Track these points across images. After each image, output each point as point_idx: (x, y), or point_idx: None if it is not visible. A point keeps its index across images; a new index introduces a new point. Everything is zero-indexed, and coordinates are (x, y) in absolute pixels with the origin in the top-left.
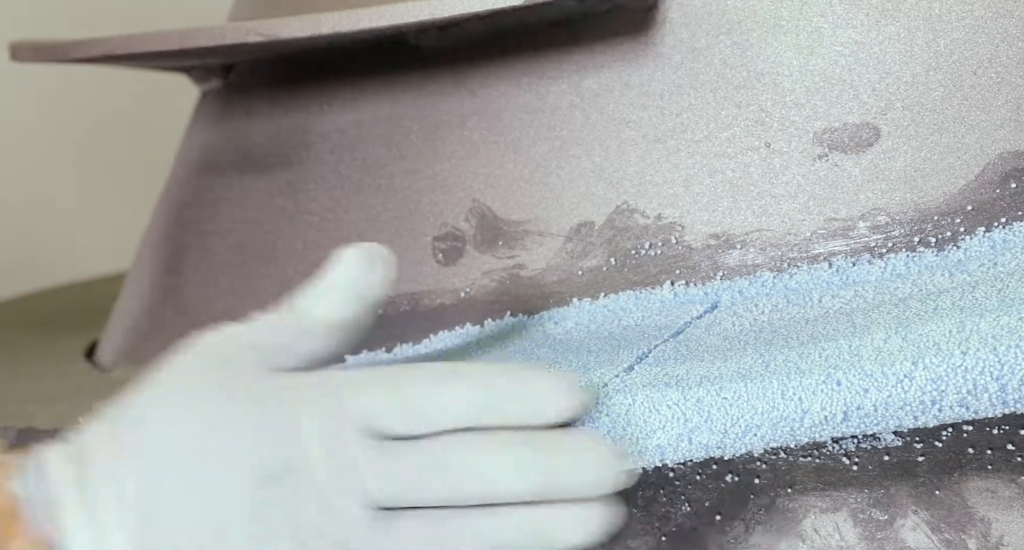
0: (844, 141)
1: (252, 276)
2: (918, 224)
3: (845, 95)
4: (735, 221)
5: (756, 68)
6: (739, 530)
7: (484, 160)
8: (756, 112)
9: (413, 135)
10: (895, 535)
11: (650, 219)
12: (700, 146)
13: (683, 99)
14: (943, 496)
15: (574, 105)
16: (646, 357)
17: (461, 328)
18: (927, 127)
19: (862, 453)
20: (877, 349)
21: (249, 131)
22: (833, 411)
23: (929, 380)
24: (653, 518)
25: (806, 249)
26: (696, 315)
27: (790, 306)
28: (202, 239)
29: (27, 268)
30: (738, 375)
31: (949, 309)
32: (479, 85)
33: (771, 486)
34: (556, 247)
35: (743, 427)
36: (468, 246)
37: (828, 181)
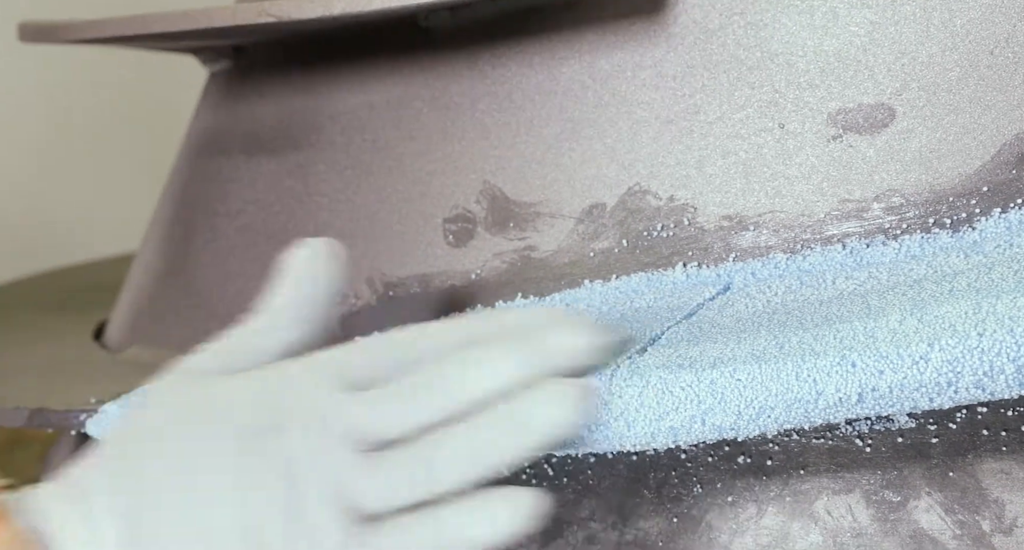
0: (859, 122)
1: (261, 258)
2: (933, 205)
3: (860, 75)
4: (748, 203)
5: (770, 48)
6: (751, 512)
7: (495, 141)
8: (770, 93)
9: (424, 117)
10: (908, 517)
11: (662, 201)
12: (713, 127)
13: (696, 80)
14: (957, 477)
15: (586, 86)
16: (659, 339)
17: (471, 311)
18: (943, 107)
19: (875, 435)
20: (892, 331)
21: (259, 113)
22: (848, 393)
23: (945, 362)
24: (665, 500)
25: (820, 231)
26: (708, 297)
27: (804, 288)
28: (211, 221)
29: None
30: (752, 357)
31: (965, 290)
32: (490, 66)
33: (784, 468)
34: (567, 229)
35: (757, 409)
36: (479, 228)
37: (842, 162)
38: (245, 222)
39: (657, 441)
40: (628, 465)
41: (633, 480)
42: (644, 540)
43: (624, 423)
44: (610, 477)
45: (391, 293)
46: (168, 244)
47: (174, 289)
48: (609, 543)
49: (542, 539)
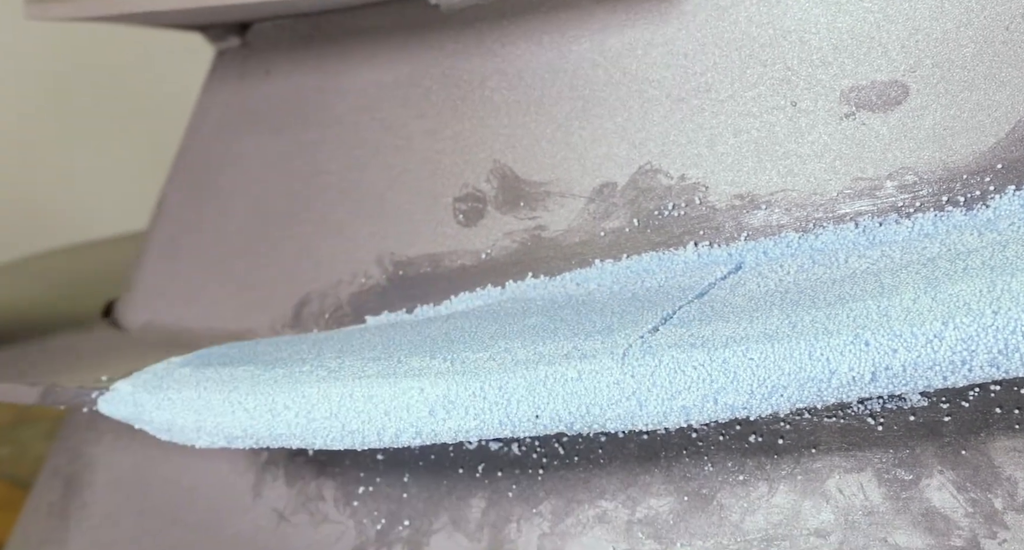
0: (872, 99)
1: (270, 236)
2: (947, 183)
3: (873, 52)
4: (760, 181)
5: (782, 25)
6: (762, 490)
7: (505, 120)
8: (782, 70)
9: (433, 95)
10: (920, 495)
11: (673, 179)
12: (724, 105)
13: (707, 58)
14: (969, 456)
15: (597, 64)
16: (671, 318)
17: (482, 289)
18: (957, 84)
19: (887, 413)
20: (906, 309)
21: (267, 91)
22: (861, 372)
23: (959, 340)
24: (676, 479)
25: (832, 209)
26: (720, 276)
27: (816, 267)
28: (220, 199)
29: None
30: (764, 336)
31: (979, 268)
32: (499, 44)
33: (795, 447)
34: (578, 208)
35: (769, 388)
36: (489, 207)
37: (855, 140)
38: (254, 200)
39: (670, 420)
40: (639, 444)
41: (644, 459)
42: (655, 519)
43: (636, 402)
44: (621, 456)
45: (401, 272)
46: (177, 222)
47: (184, 268)
48: (620, 521)
49: (553, 517)
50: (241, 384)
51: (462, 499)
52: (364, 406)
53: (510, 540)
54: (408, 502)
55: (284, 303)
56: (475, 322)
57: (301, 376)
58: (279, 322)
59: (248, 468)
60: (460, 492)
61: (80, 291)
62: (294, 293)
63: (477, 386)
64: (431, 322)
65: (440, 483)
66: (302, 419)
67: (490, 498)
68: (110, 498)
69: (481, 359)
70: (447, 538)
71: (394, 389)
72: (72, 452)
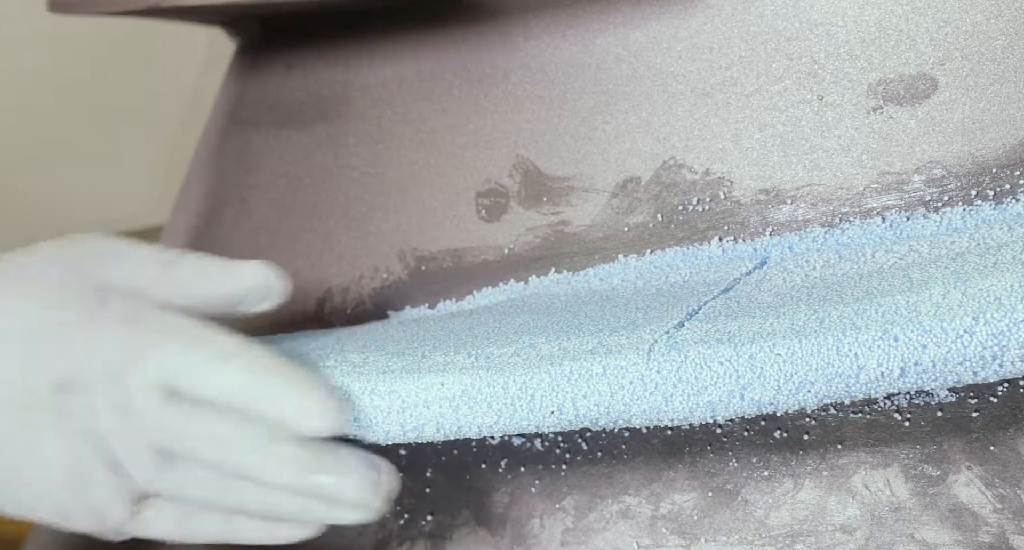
0: (900, 93)
1: (293, 231)
2: (975, 177)
3: (902, 45)
4: (785, 176)
5: (809, 18)
6: (787, 486)
7: (528, 115)
8: (809, 64)
9: (456, 89)
10: (948, 491)
11: (698, 174)
12: (750, 100)
13: (733, 51)
14: (998, 451)
15: (621, 58)
16: (696, 313)
17: (505, 285)
18: (987, 77)
19: (914, 409)
20: (936, 304)
21: (289, 85)
22: (890, 367)
23: (990, 335)
24: (700, 474)
25: (859, 203)
26: (745, 271)
27: (842, 262)
28: (241, 194)
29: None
30: (792, 331)
31: (1010, 263)
32: (523, 38)
33: (820, 442)
34: (602, 203)
35: (797, 383)
36: (512, 202)
37: (882, 134)
38: (275, 195)
39: (695, 416)
40: (663, 439)
41: (668, 454)
42: (679, 514)
43: (662, 398)
44: (645, 451)
45: (423, 267)
46: (198, 218)
47: None
48: (643, 517)
49: (576, 513)
50: None
51: (485, 494)
52: (387, 401)
53: (533, 535)
54: (431, 497)
55: (306, 298)
56: (499, 317)
57: (325, 371)
58: (301, 316)
59: None
60: (483, 487)
61: None
62: (316, 288)
63: (501, 381)
64: (454, 317)
65: (463, 478)
66: None
67: (513, 493)
68: None
69: (505, 354)
70: (470, 532)
71: (418, 384)
72: None
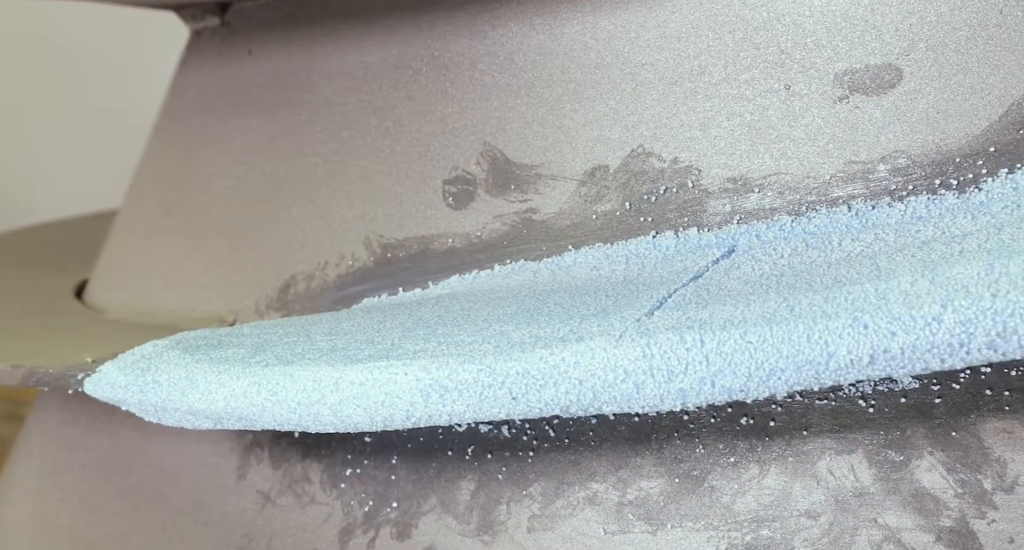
0: (865, 83)
1: (255, 218)
2: (939, 166)
3: (867, 35)
4: (753, 165)
5: (776, 8)
6: (754, 472)
7: (495, 103)
8: (776, 53)
9: (422, 76)
10: (910, 476)
11: (666, 163)
12: (718, 88)
13: (701, 40)
14: (959, 437)
15: (589, 47)
16: (666, 301)
17: (473, 272)
18: (951, 68)
19: (879, 395)
20: (904, 292)
21: (249, 72)
22: (860, 354)
23: (958, 323)
24: (667, 461)
25: (825, 192)
26: (713, 259)
27: (810, 250)
28: (200, 181)
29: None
30: (762, 319)
31: (976, 251)
32: (490, 26)
33: (786, 429)
34: (570, 191)
35: (767, 371)
36: (479, 190)
37: (848, 123)
38: (236, 182)
39: (666, 404)
40: (630, 426)
41: (635, 441)
42: (645, 500)
43: (633, 385)
44: (612, 438)
45: (389, 255)
46: (155, 204)
47: (163, 249)
48: (610, 503)
49: (543, 499)
50: (231, 366)
51: (451, 481)
52: (356, 389)
53: (500, 522)
54: (396, 484)
55: (269, 284)
56: (468, 305)
57: (292, 358)
58: (264, 304)
59: (232, 450)
60: (449, 474)
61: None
62: (280, 274)
63: (472, 369)
64: (423, 305)
65: (429, 465)
66: (293, 402)
67: (480, 480)
68: (89, 480)
69: (476, 342)
70: (436, 520)
71: (387, 372)
72: (46, 434)
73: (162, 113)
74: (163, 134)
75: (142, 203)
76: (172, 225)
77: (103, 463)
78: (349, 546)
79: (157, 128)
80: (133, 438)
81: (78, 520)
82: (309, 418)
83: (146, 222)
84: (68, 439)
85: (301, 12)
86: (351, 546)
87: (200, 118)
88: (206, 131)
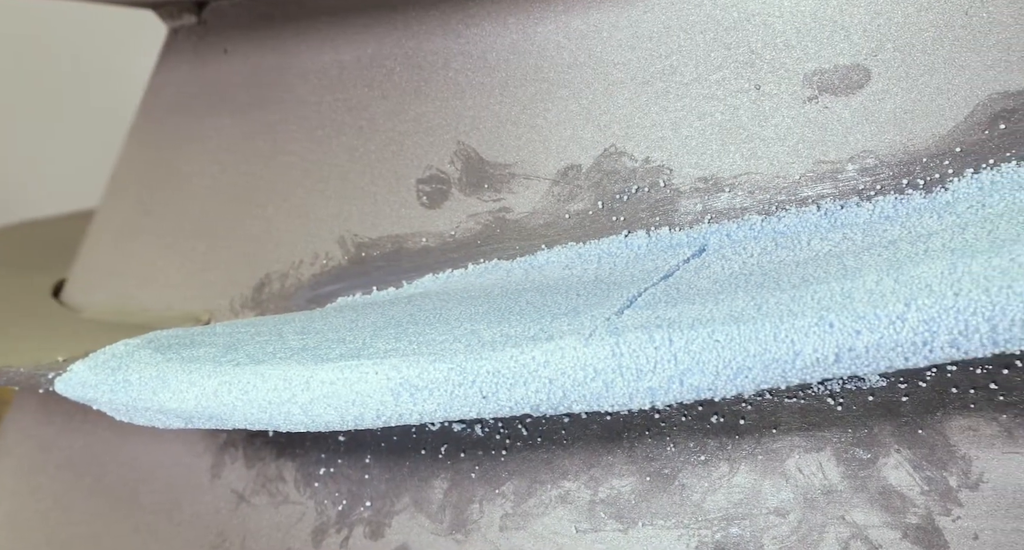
0: (834, 83)
1: (230, 217)
2: (907, 166)
3: (836, 36)
4: (724, 164)
5: (747, 8)
6: (724, 470)
7: (469, 102)
8: (746, 54)
9: (396, 76)
10: (878, 473)
11: (638, 162)
12: (689, 88)
13: (672, 40)
14: (926, 435)
15: (562, 46)
16: (636, 300)
17: (446, 271)
18: (918, 68)
19: (847, 394)
20: (869, 291)
21: (225, 71)
22: (825, 353)
23: (921, 321)
24: (638, 459)
25: (795, 192)
26: (684, 258)
27: (779, 249)
28: (177, 180)
29: None
30: (730, 317)
31: (940, 251)
32: (463, 25)
33: (756, 427)
34: (543, 190)
35: (735, 369)
36: (453, 189)
37: (818, 123)
38: (212, 182)
39: (635, 402)
40: (602, 425)
41: (607, 439)
42: (617, 498)
43: (602, 384)
44: (584, 436)
45: (363, 254)
46: (132, 203)
47: (139, 248)
48: (582, 501)
49: (516, 498)
50: (202, 365)
51: (424, 480)
52: (327, 388)
53: (472, 520)
54: (370, 483)
55: (244, 283)
56: (440, 304)
57: (264, 358)
58: (239, 302)
59: (206, 450)
60: (422, 473)
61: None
62: (254, 273)
63: (443, 368)
64: (395, 304)
65: (402, 464)
66: (264, 401)
67: (453, 479)
68: (63, 480)
69: (447, 341)
70: (409, 519)
71: (358, 371)
72: (21, 434)
73: (140, 112)
74: (140, 133)
75: (119, 202)
76: (149, 224)
77: (77, 463)
78: (322, 545)
79: (135, 127)
80: (107, 438)
81: (52, 520)
82: (280, 417)
83: (123, 221)
84: (43, 439)
85: (276, 10)
86: (324, 545)
87: (177, 117)
88: (182, 130)
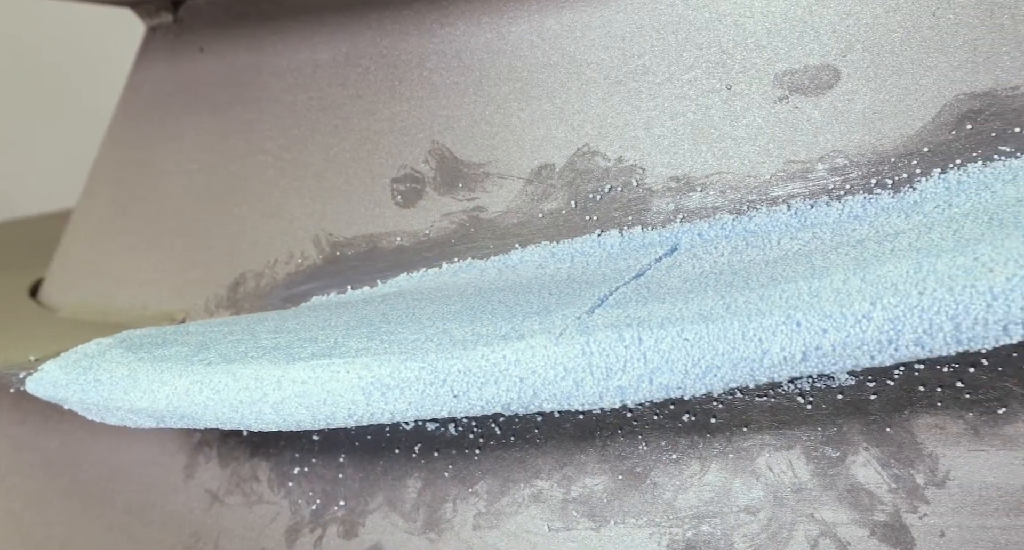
0: (804, 83)
1: (206, 215)
2: (875, 166)
3: (806, 36)
4: (695, 164)
5: (718, 8)
6: (695, 469)
7: (443, 101)
8: (718, 54)
9: (371, 75)
10: (846, 471)
11: (611, 161)
12: (661, 88)
13: (645, 40)
14: (893, 433)
15: (535, 45)
16: (607, 299)
17: (420, 270)
18: (886, 69)
19: (816, 392)
20: (836, 290)
21: (201, 70)
22: (792, 351)
23: (886, 320)
24: (610, 457)
25: (765, 191)
26: (656, 258)
27: (749, 248)
28: (154, 179)
29: None
30: (699, 316)
31: (906, 250)
32: (438, 25)
33: (727, 425)
34: (516, 189)
35: (704, 368)
36: (427, 188)
37: (788, 123)
38: (188, 180)
39: (605, 401)
40: (575, 423)
41: (579, 438)
42: (589, 497)
43: (573, 382)
44: (557, 435)
45: (338, 253)
46: (110, 202)
47: (115, 247)
48: (555, 500)
49: (489, 497)
50: (174, 365)
51: (398, 479)
52: (299, 388)
53: (446, 519)
54: (343, 482)
55: (220, 283)
56: (413, 303)
57: (235, 357)
58: (214, 302)
59: (180, 449)
60: (396, 472)
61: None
62: (229, 272)
63: (414, 367)
64: (368, 303)
65: (376, 463)
66: (235, 400)
67: (426, 478)
68: (37, 480)
69: (419, 340)
70: (383, 518)
71: (329, 371)
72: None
73: (117, 111)
74: (117, 132)
75: (96, 202)
76: (125, 224)
77: (51, 463)
78: (296, 545)
79: (112, 126)
80: (81, 438)
81: (27, 520)
82: (251, 416)
83: (100, 221)
84: (16, 439)
85: (252, 9)
86: (298, 545)
87: (153, 116)
88: (159, 129)
